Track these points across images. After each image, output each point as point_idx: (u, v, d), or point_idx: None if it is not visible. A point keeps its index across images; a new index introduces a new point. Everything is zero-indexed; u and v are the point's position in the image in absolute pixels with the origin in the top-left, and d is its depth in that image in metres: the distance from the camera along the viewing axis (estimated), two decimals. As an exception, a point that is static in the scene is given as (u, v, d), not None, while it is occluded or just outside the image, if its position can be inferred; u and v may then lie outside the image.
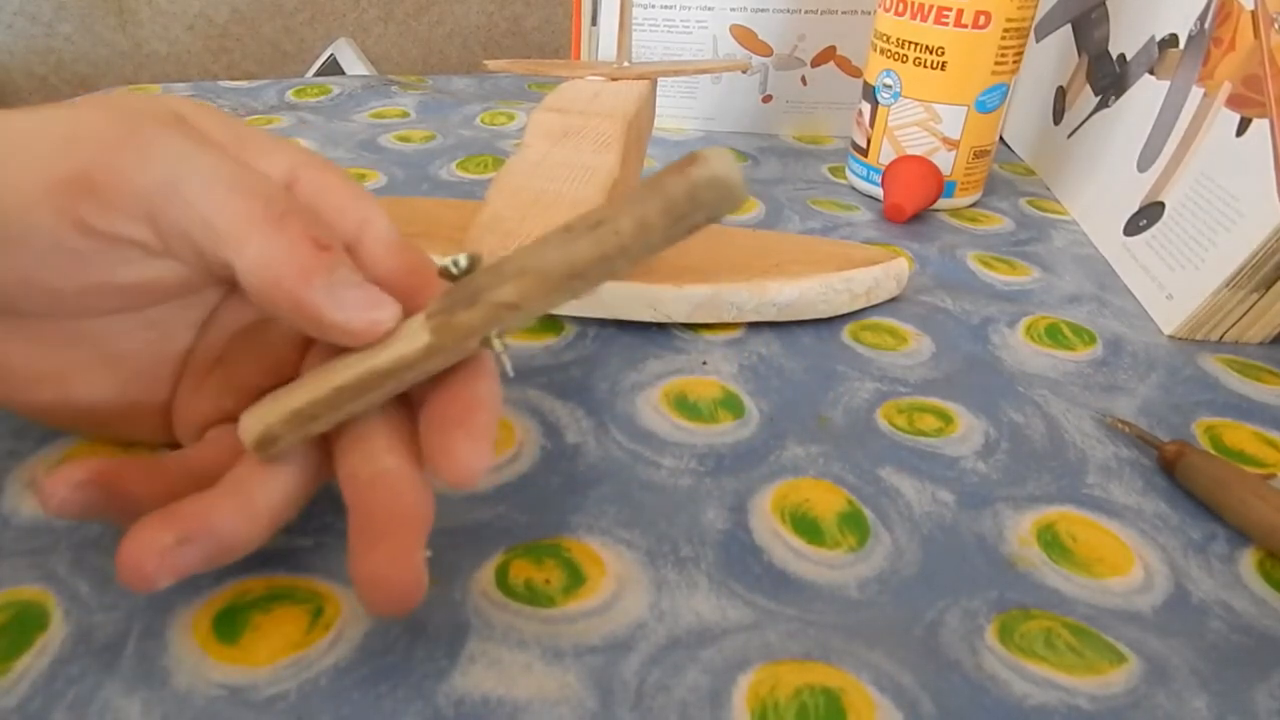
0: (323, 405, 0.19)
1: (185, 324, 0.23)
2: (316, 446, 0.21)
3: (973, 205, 0.49)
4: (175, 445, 0.24)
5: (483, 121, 0.57)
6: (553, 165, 0.33)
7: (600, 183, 0.32)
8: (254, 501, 0.20)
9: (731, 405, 0.30)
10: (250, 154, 0.22)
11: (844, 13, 0.55)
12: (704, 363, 0.32)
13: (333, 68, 1.31)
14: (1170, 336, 0.36)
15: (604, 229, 0.16)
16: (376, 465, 0.20)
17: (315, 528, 0.23)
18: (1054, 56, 0.54)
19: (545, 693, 0.20)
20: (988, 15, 0.42)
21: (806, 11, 0.54)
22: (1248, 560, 0.25)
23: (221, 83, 0.62)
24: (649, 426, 0.29)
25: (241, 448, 0.21)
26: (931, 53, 0.44)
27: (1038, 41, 0.55)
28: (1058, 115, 0.53)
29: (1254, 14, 0.36)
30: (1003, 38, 0.43)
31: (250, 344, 0.23)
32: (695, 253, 0.37)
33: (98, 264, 0.20)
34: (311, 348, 0.22)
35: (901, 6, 0.44)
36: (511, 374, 0.19)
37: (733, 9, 0.55)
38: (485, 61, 0.44)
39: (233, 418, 0.22)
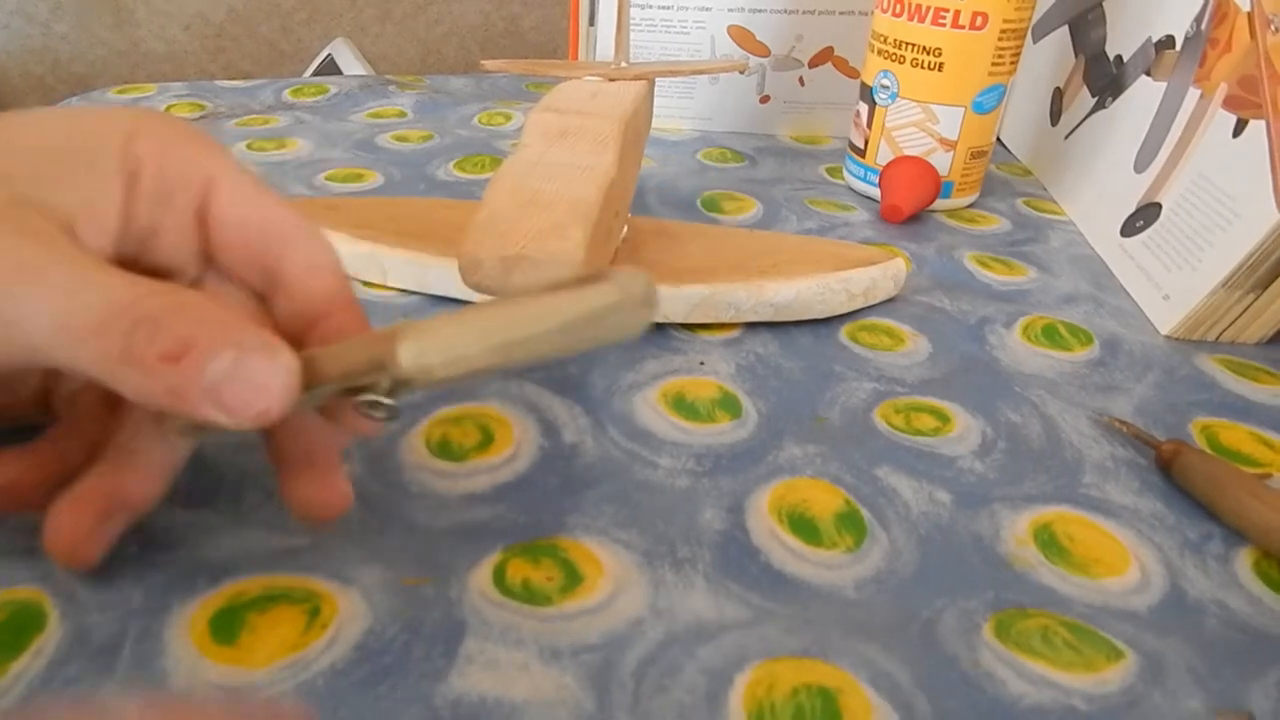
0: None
1: None
2: None
3: (970, 206, 0.49)
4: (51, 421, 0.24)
5: (480, 121, 0.57)
6: (550, 165, 0.33)
7: (598, 183, 0.32)
8: (152, 463, 0.21)
9: (729, 405, 0.30)
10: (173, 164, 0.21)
11: (841, 13, 0.55)
12: (701, 363, 0.32)
13: (330, 67, 1.31)
14: (1167, 336, 0.36)
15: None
16: None
17: (311, 526, 0.23)
18: (1051, 57, 0.54)
19: (542, 693, 0.20)
20: (985, 16, 0.42)
21: (804, 12, 0.55)
22: (1244, 559, 0.25)
23: (218, 82, 0.62)
24: (646, 426, 0.29)
25: (114, 413, 0.22)
26: (929, 53, 0.44)
27: (1035, 42, 0.55)
28: (1055, 116, 0.53)
29: (1250, 15, 0.36)
30: (1000, 39, 0.43)
31: None
32: (693, 253, 0.37)
33: None
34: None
35: (899, 7, 0.44)
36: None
37: (730, 9, 0.55)
38: (482, 61, 0.44)
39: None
